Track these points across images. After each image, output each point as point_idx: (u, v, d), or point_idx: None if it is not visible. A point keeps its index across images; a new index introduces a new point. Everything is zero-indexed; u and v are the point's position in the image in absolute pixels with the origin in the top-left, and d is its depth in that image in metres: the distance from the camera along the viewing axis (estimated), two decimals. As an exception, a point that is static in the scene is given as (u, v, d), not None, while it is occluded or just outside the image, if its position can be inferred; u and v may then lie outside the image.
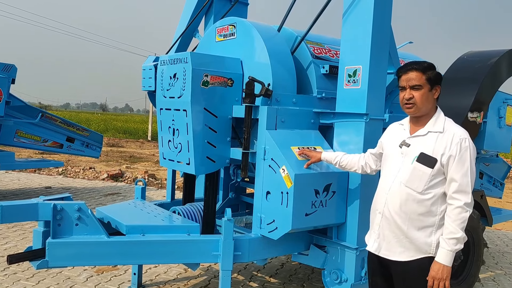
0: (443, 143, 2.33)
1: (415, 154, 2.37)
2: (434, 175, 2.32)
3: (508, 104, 4.60)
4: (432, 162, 2.32)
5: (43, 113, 7.79)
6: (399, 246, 2.42)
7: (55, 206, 2.93)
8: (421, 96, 2.37)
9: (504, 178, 6.43)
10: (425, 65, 2.42)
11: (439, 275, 2.29)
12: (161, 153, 3.80)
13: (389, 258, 2.46)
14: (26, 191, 8.59)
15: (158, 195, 8.80)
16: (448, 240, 2.29)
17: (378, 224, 2.50)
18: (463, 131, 2.38)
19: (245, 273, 4.69)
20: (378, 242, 2.51)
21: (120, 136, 27.60)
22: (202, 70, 3.30)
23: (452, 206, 2.31)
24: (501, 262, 5.77)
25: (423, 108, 2.39)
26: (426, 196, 2.34)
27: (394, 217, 2.41)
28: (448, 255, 2.29)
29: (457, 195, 2.29)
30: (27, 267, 4.43)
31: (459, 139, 2.32)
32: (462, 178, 2.29)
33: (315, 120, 3.49)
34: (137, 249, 3.10)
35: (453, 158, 2.30)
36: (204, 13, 4.58)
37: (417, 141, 2.41)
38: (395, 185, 2.41)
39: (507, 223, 7.83)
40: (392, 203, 2.41)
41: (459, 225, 2.28)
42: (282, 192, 3.06)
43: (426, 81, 2.38)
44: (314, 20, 3.58)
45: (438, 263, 2.30)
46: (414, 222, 2.37)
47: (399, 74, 2.47)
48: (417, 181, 2.35)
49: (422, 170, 2.33)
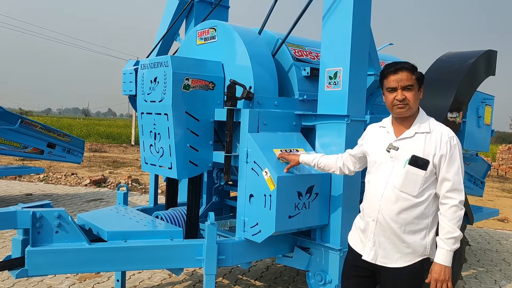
0: (432, 144, 2.31)
1: (406, 157, 2.33)
2: (427, 176, 2.30)
3: (486, 103, 4.68)
4: (425, 164, 2.29)
5: (22, 119, 7.65)
6: (396, 252, 2.38)
7: (34, 214, 2.88)
8: (413, 96, 2.34)
9: (484, 177, 6.53)
10: (411, 64, 2.39)
11: (442, 276, 2.25)
12: (143, 157, 3.77)
13: (387, 265, 2.40)
14: (6, 198, 8.43)
15: (142, 200, 8.72)
16: (447, 240, 2.26)
17: (373, 232, 2.43)
18: (449, 129, 2.37)
19: (230, 277, 4.67)
20: (374, 250, 2.43)
21: (103, 141, 27.30)
22: (183, 74, 3.28)
23: (447, 205, 2.28)
24: (482, 260, 5.86)
25: (414, 108, 2.37)
26: (421, 199, 2.32)
27: (390, 223, 2.35)
28: (448, 255, 2.26)
29: (451, 193, 2.28)
30: (7, 276, 4.34)
31: (448, 138, 2.31)
32: (455, 177, 2.28)
33: (297, 122, 3.50)
34: (120, 255, 3.06)
35: (444, 157, 2.29)
36: (185, 16, 4.57)
37: (405, 143, 2.36)
38: (388, 191, 2.36)
39: (488, 221, 7.98)
40: (387, 209, 2.36)
41: (455, 223, 2.26)
42: (265, 194, 3.06)
43: (416, 81, 2.36)
44: (295, 23, 3.59)
45: (439, 265, 2.27)
46: (410, 226, 2.34)
47: (386, 74, 2.40)
48: (411, 185, 2.31)
49: (415, 173, 2.30)
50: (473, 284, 4.91)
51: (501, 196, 12.44)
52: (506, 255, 6.15)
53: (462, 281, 4.91)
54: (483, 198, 8.60)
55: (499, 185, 14.94)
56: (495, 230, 7.76)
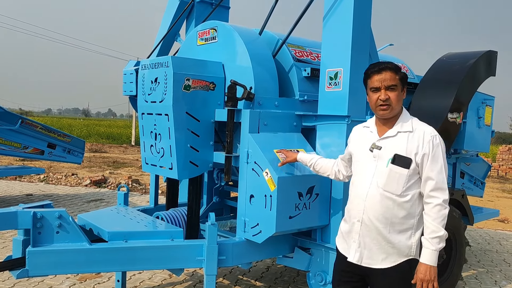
0: (415, 142, 2.30)
1: (389, 156, 2.32)
2: (411, 175, 2.29)
3: (486, 104, 4.68)
4: (408, 162, 2.28)
5: (23, 119, 7.66)
6: (382, 252, 2.36)
7: (35, 214, 2.88)
8: (397, 97, 2.33)
9: (485, 177, 6.54)
10: (395, 65, 2.39)
11: (427, 276, 2.24)
12: (144, 158, 3.77)
13: (372, 266, 2.38)
14: (7, 199, 8.43)
15: (142, 201, 8.72)
16: (431, 240, 2.25)
17: (358, 233, 2.41)
18: (431, 128, 2.36)
19: (231, 277, 4.67)
20: (359, 252, 2.41)
21: (103, 141, 27.30)
22: (184, 74, 3.28)
23: (431, 204, 2.28)
24: (483, 260, 5.86)
25: (397, 108, 2.36)
26: (405, 198, 2.31)
27: (375, 224, 2.34)
28: (433, 255, 2.25)
29: (435, 193, 2.27)
30: (7, 277, 4.34)
31: (430, 137, 2.30)
32: (438, 175, 2.27)
33: (298, 122, 3.50)
34: (120, 255, 3.06)
35: (427, 156, 2.28)
36: (185, 17, 4.57)
37: (388, 142, 2.36)
38: (372, 191, 2.35)
39: (489, 222, 7.97)
40: (371, 209, 2.35)
41: (440, 223, 2.25)
42: (266, 195, 3.06)
43: (399, 81, 2.35)
44: (295, 23, 3.60)
45: (425, 264, 2.26)
46: (395, 226, 2.33)
47: (370, 74, 2.38)
48: (395, 184, 2.30)
49: (398, 171, 2.29)
50: (474, 284, 4.91)
51: (501, 197, 12.44)
52: (507, 255, 6.15)
53: (463, 282, 4.91)
54: (483, 198, 8.59)
55: (500, 186, 14.94)
56: (495, 230, 7.76)
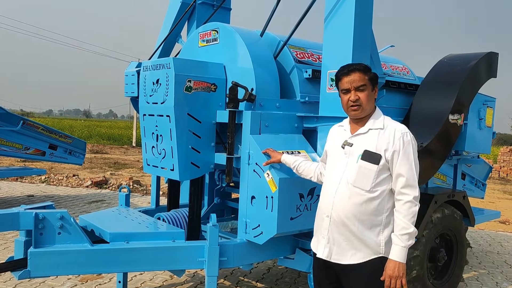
0: (385, 139, 2.32)
1: (359, 152, 2.35)
2: (380, 171, 2.31)
3: (488, 105, 4.68)
4: (377, 158, 2.30)
5: (24, 121, 7.67)
6: (350, 248, 2.37)
7: (36, 215, 2.89)
8: (366, 97, 2.38)
9: (486, 179, 6.55)
10: (364, 65, 2.43)
11: (396, 273, 2.25)
12: (145, 159, 3.78)
13: (341, 262, 2.39)
14: (8, 200, 8.44)
15: (143, 202, 8.73)
16: (401, 236, 2.26)
17: (327, 229, 2.42)
18: (403, 126, 2.39)
19: (232, 279, 4.68)
20: (328, 247, 2.42)
21: (104, 142, 27.33)
22: (185, 76, 3.29)
23: (402, 201, 2.29)
24: (484, 262, 5.85)
25: (368, 108, 2.40)
26: (374, 194, 2.32)
27: (343, 219, 2.35)
28: (402, 252, 2.26)
29: (405, 189, 2.29)
30: (9, 278, 4.35)
31: (400, 134, 2.32)
32: (408, 172, 2.29)
33: (299, 124, 3.51)
34: (122, 256, 3.06)
35: (397, 153, 2.30)
36: (187, 18, 4.58)
37: (359, 139, 2.39)
38: (342, 186, 2.37)
39: (490, 223, 7.97)
40: (340, 204, 2.37)
41: (410, 219, 2.26)
42: (267, 196, 3.07)
43: (368, 81, 2.39)
44: (297, 25, 3.60)
45: (393, 261, 2.27)
46: (363, 222, 2.34)
47: (339, 76, 2.45)
48: (364, 180, 2.32)
49: (367, 167, 2.31)
50: (475, 286, 4.91)
51: (502, 198, 12.43)
52: (508, 257, 6.15)
53: (464, 283, 4.91)
54: (484, 200, 8.59)
55: (501, 187, 14.93)
56: (496, 232, 7.76)
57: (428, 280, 4.03)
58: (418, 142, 3.75)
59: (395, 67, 4.66)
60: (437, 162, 3.99)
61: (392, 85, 4.19)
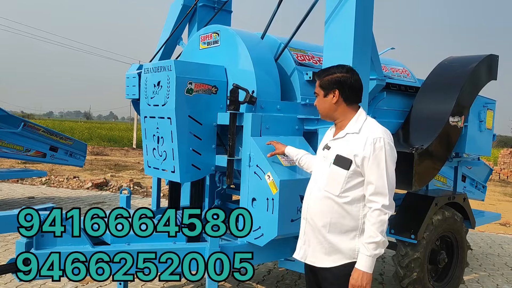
0: (357, 144, 2.26)
1: (333, 156, 2.34)
2: (350, 176, 2.27)
3: (488, 108, 4.69)
4: (347, 163, 2.26)
5: (25, 122, 7.68)
6: (323, 252, 2.36)
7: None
8: (318, 103, 2.48)
9: (486, 181, 6.55)
10: (321, 72, 2.49)
11: (359, 282, 2.19)
12: (146, 161, 3.78)
13: (315, 265, 2.39)
14: (9, 201, 8.45)
15: (143, 204, 8.73)
16: (367, 245, 2.19)
17: (303, 231, 2.45)
18: (380, 131, 2.28)
19: (232, 280, 4.68)
20: (304, 249, 2.44)
21: (104, 144, 27.34)
22: (186, 78, 3.30)
23: (371, 209, 2.22)
24: (484, 264, 5.85)
25: (324, 113, 2.47)
26: (343, 200, 2.28)
27: (316, 222, 2.36)
28: (368, 261, 2.19)
29: (374, 197, 2.22)
30: (9, 279, 4.35)
31: (372, 140, 2.23)
32: (378, 180, 2.21)
33: (300, 126, 3.52)
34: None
35: (367, 159, 2.22)
36: (188, 20, 4.59)
37: (336, 143, 2.39)
38: (315, 190, 2.40)
39: (490, 225, 7.97)
40: (313, 207, 2.38)
41: (378, 228, 2.18)
42: (268, 198, 3.07)
43: (320, 88, 2.44)
44: (297, 27, 3.61)
45: (358, 270, 2.21)
46: (334, 226, 2.31)
47: None
48: (334, 184, 2.30)
49: (338, 172, 2.29)
50: (475, 288, 4.92)
51: (503, 200, 12.43)
52: (508, 259, 6.15)
53: (464, 285, 4.91)
54: (485, 202, 8.59)
55: (501, 189, 14.93)
56: (497, 234, 7.76)
57: (429, 282, 4.04)
58: (418, 144, 3.78)
59: (396, 69, 4.67)
60: (437, 164, 4.00)
61: (392, 87, 4.20)
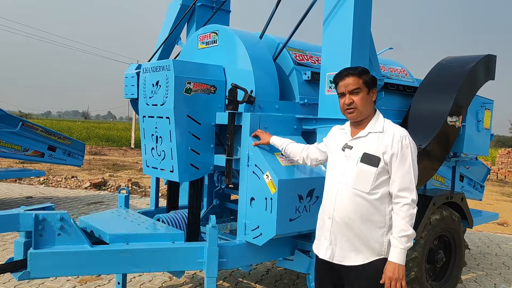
0: (384, 142, 2.36)
1: (359, 155, 2.39)
2: (379, 174, 2.34)
3: (486, 108, 4.70)
4: (376, 161, 2.34)
5: (23, 122, 7.67)
6: (352, 250, 2.40)
7: (37, 216, 2.89)
8: (361, 100, 2.42)
9: (484, 181, 6.56)
10: (360, 69, 2.48)
11: (396, 275, 2.27)
12: (145, 160, 3.79)
13: (343, 263, 2.42)
14: (7, 201, 8.44)
15: (142, 203, 8.73)
16: (400, 239, 2.29)
17: (329, 230, 2.46)
18: (403, 130, 2.42)
19: (231, 280, 4.69)
20: (331, 249, 2.46)
21: (102, 144, 27.33)
22: (185, 78, 3.30)
23: (400, 204, 2.32)
24: (482, 263, 5.87)
25: (364, 111, 2.44)
26: (374, 196, 2.35)
27: (345, 221, 2.39)
28: (401, 254, 2.29)
29: (403, 192, 2.31)
30: (8, 279, 4.35)
31: (399, 137, 2.35)
32: (405, 176, 2.32)
33: (298, 126, 3.52)
34: (121, 258, 3.07)
35: (395, 156, 2.33)
36: (186, 20, 4.59)
37: (359, 142, 2.44)
38: (343, 188, 2.41)
39: (488, 225, 7.99)
40: (341, 206, 2.41)
41: (408, 221, 2.29)
42: (266, 198, 3.08)
43: (363, 85, 2.43)
44: (296, 27, 3.62)
45: (393, 263, 2.29)
46: (365, 224, 2.37)
47: (336, 81, 2.51)
48: (363, 182, 2.36)
49: (367, 170, 2.35)
50: (473, 287, 4.92)
51: (500, 200, 12.46)
52: (506, 258, 6.16)
53: (462, 285, 4.93)
54: (482, 202, 8.62)
55: (499, 189, 14.96)
56: (494, 233, 7.78)
57: (427, 281, 4.05)
58: (416, 144, 3.78)
59: (394, 69, 4.68)
60: (435, 164, 4.01)
61: (390, 87, 4.21)
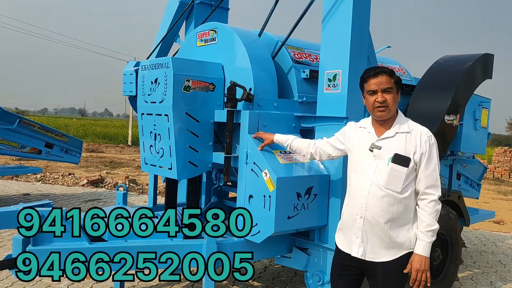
0: (412, 142, 2.44)
1: (389, 155, 2.44)
2: (409, 173, 2.42)
3: (483, 106, 4.72)
4: (407, 161, 2.41)
5: (20, 119, 7.65)
6: (384, 247, 2.48)
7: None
8: (392, 99, 2.46)
9: (481, 179, 6.59)
10: (390, 69, 2.52)
11: (423, 266, 2.39)
12: (143, 158, 3.79)
13: (375, 260, 2.49)
14: (4, 198, 8.42)
15: (139, 201, 8.73)
16: (427, 233, 2.41)
17: (361, 229, 2.51)
18: (426, 129, 2.51)
19: (229, 277, 4.68)
20: (363, 247, 2.52)
21: (99, 141, 27.26)
22: (184, 75, 3.30)
23: (427, 200, 2.43)
24: (478, 261, 5.90)
25: (393, 110, 2.49)
26: (404, 195, 2.44)
27: (377, 220, 2.45)
28: (427, 247, 2.41)
29: (430, 189, 2.43)
30: (6, 276, 4.34)
31: (426, 137, 2.45)
32: (432, 173, 2.43)
33: (296, 124, 3.53)
34: (119, 255, 3.07)
35: (424, 155, 2.42)
36: (185, 18, 4.59)
37: (387, 143, 2.48)
38: (374, 188, 2.46)
39: (484, 223, 8.02)
40: (373, 206, 2.45)
41: (434, 217, 2.42)
42: (265, 195, 3.09)
43: (394, 84, 2.47)
44: (295, 25, 3.62)
45: (419, 255, 2.41)
46: (395, 221, 2.45)
47: (366, 78, 2.51)
48: (395, 182, 2.42)
49: (398, 170, 2.41)
50: (469, 285, 4.95)
51: (497, 199, 12.51)
52: (502, 257, 6.19)
53: (458, 283, 4.95)
54: (479, 200, 8.64)
55: (495, 188, 15.02)
56: (491, 232, 7.81)
57: (424, 279, 4.06)
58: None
59: (392, 67, 4.69)
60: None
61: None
